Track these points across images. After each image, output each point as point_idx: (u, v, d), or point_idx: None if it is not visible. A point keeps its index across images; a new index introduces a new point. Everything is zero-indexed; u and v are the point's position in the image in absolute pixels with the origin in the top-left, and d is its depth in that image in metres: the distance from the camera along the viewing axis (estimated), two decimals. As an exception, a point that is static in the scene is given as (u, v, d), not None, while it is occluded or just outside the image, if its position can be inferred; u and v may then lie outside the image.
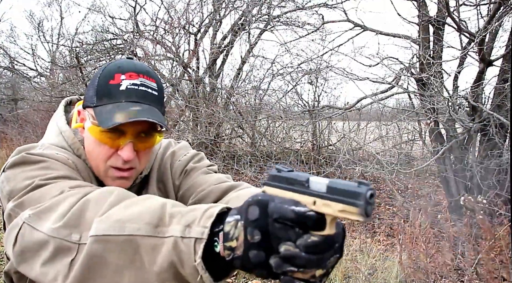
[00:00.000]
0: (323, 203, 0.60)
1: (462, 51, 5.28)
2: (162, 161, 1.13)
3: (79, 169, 0.96)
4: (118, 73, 0.93)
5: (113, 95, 0.92)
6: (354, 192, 0.58)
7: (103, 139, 0.93)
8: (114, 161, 0.95)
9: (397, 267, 3.66)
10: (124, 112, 0.89)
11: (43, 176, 0.83)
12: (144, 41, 8.45)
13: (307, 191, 0.62)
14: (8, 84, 16.49)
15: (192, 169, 1.11)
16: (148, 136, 0.95)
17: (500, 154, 4.89)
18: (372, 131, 8.92)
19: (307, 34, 7.16)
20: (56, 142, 0.99)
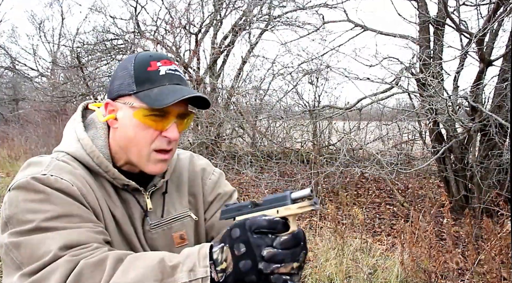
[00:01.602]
0: (284, 208, 0.83)
1: (461, 51, 5.29)
2: (192, 173, 1.18)
3: (89, 183, 0.97)
4: (153, 60, 0.99)
5: (155, 80, 0.97)
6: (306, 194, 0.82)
7: (147, 122, 0.96)
8: (158, 144, 0.98)
9: (398, 266, 3.67)
10: (175, 93, 0.95)
11: (42, 216, 0.86)
12: (145, 41, 8.47)
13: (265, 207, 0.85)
14: (9, 84, 16.53)
15: (222, 197, 1.20)
16: (186, 116, 1.01)
17: (500, 154, 4.90)
18: (372, 131, 8.92)
19: (308, 34, 7.17)
20: (74, 150, 0.99)
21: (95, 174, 1.00)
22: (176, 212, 1.10)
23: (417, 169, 6.27)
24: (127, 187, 1.02)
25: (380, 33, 6.14)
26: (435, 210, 4.40)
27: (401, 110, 7.78)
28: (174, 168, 1.14)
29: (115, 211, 1.00)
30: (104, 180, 1.01)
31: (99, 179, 1.01)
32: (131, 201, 1.03)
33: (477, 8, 5.45)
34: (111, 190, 1.01)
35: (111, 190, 1.01)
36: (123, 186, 1.02)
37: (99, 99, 10.45)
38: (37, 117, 11.19)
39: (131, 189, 1.03)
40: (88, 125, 1.05)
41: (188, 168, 1.18)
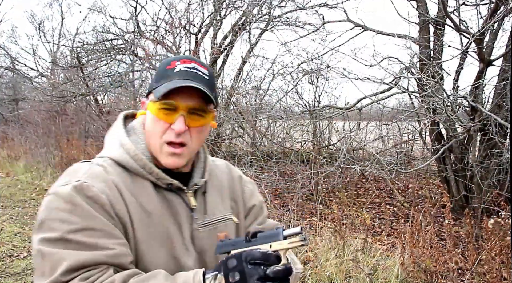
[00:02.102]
0: (277, 243, 0.93)
1: (462, 51, 5.29)
2: (231, 180, 1.25)
3: (124, 187, 1.02)
4: (174, 60, 1.07)
5: (168, 76, 1.04)
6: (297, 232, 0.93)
7: (159, 114, 1.02)
8: (168, 136, 1.03)
9: (398, 266, 3.67)
10: (175, 84, 1.00)
11: (67, 228, 0.92)
12: (145, 41, 8.46)
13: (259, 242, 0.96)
14: (9, 84, 16.51)
15: (256, 208, 1.27)
16: (199, 113, 1.04)
17: (500, 154, 4.89)
18: (372, 131, 8.92)
19: (308, 34, 7.17)
20: (117, 155, 1.06)
21: (137, 177, 1.05)
22: (220, 213, 1.15)
23: (417, 169, 6.27)
24: (171, 186, 1.07)
25: (380, 33, 6.14)
26: (435, 210, 4.41)
27: (401, 110, 7.78)
28: (212, 172, 1.20)
29: (154, 211, 1.03)
30: (146, 182, 1.05)
31: (140, 182, 1.05)
32: (175, 200, 1.08)
33: (477, 8, 5.45)
34: (152, 191, 1.05)
35: (152, 191, 1.05)
36: (167, 185, 1.06)
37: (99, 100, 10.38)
38: (37, 117, 11.18)
39: (175, 188, 1.08)
40: (129, 132, 1.12)
41: (227, 175, 1.25)
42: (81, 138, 10.10)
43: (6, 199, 7.31)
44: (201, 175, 1.15)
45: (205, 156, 1.20)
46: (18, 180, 9.17)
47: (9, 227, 5.56)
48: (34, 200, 7.30)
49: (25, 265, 4.29)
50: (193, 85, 1.00)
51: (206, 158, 1.19)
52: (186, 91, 1.01)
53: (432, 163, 6.51)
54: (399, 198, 6.23)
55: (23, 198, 7.42)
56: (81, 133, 10.53)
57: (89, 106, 10.76)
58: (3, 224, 5.70)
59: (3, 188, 8.15)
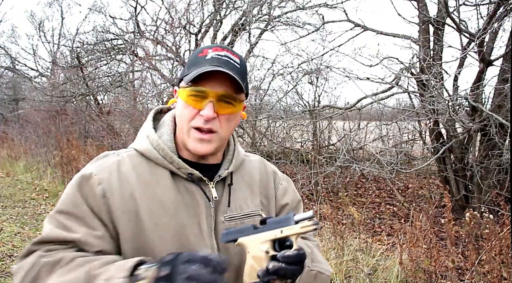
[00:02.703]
0: (288, 228, 0.93)
1: (462, 52, 5.29)
2: (265, 176, 1.22)
3: (141, 175, 1.05)
4: (207, 48, 1.07)
5: (199, 62, 1.04)
6: (309, 216, 0.93)
7: (188, 100, 1.03)
8: (196, 122, 1.03)
9: (397, 266, 3.67)
10: (206, 69, 0.99)
11: (58, 208, 1.03)
12: (144, 41, 8.46)
13: (268, 228, 0.95)
14: (9, 84, 16.51)
15: (291, 205, 1.23)
16: (229, 100, 1.03)
17: (500, 154, 4.89)
18: (372, 131, 8.92)
19: (308, 34, 7.17)
20: (141, 146, 1.09)
21: (157, 167, 1.07)
22: (248, 208, 1.13)
23: (417, 169, 6.27)
24: (191, 176, 1.07)
25: (380, 33, 6.14)
26: (435, 210, 4.40)
27: (401, 110, 7.78)
28: (244, 166, 1.19)
29: (168, 201, 1.04)
30: (165, 172, 1.07)
31: (159, 173, 1.06)
32: (195, 191, 1.07)
33: (477, 8, 5.45)
34: (169, 181, 1.06)
35: (169, 181, 1.06)
36: (188, 175, 1.06)
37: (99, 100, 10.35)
38: (37, 117, 11.17)
39: (196, 179, 1.07)
40: (160, 126, 1.15)
41: (260, 169, 1.22)
42: (81, 138, 10.10)
43: (6, 199, 7.30)
44: (227, 166, 1.14)
45: (235, 148, 1.18)
46: (18, 180, 9.17)
47: (9, 227, 5.56)
48: (34, 200, 7.30)
49: (25, 265, 4.29)
50: (223, 70, 0.99)
51: (235, 150, 1.18)
52: (216, 78, 1.01)
53: (432, 163, 6.51)
54: (399, 198, 6.23)
55: (23, 198, 7.42)
56: (81, 133, 10.53)
57: (89, 106, 10.76)
58: (3, 224, 5.70)
59: (3, 188, 8.15)
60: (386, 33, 6.12)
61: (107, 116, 9.60)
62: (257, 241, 0.95)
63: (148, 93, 9.21)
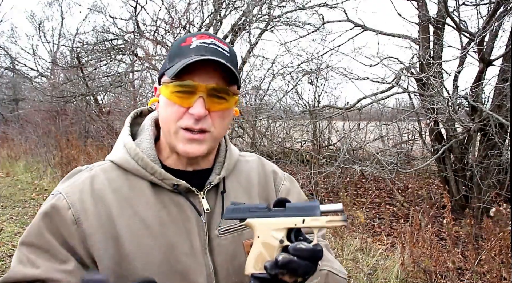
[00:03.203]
0: (312, 219, 0.79)
1: (462, 51, 5.29)
2: (264, 176, 1.08)
3: (119, 192, 0.93)
4: (190, 37, 0.93)
5: (183, 53, 0.90)
6: (338, 209, 0.80)
7: (173, 98, 0.89)
8: (185, 121, 0.89)
9: (397, 266, 3.67)
10: (192, 59, 0.86)
11: (22, 238, 0.92)
12: (144, 41, 8.46)
13: (289, 213, 0.82)
14: (9, 84, 16.51)
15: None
16: (221, 95, 0.90)
17: (500, 154, 4.89)
18: (372, 131, 8.92)
19: (307, 34, 7.18)
20: (118, 157, 0.96)
21: (137, 180, 0.94)
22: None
23: (417, 169, 6.27)
24: (178, 187, 0.93)
25: (380, 33, 6.14)
26: (435, 210, 4.40)
27: (401, 110, 7.78)
28: (239, 169, 1.06)
29: (152, 220, 0.91)
30: (146, 185, 0.94)
31: (139, 187, 0.94)
32: (184, 204, 0.94)
33: (477, 8, 5.45)
34: (151, 196, 0.93)
35: (151, 196, 0.93)
36: (173, 187, 0.93)
37: (99, 100, 10.33)
38: (37, 117, 11.18)
39: (183, 190, 0.94)
40: (140, 131, 1.02)
41: (257, 170, 1.08)
42: (81, 138, 10.10)
43: (6, 199, 7.30)
44: (218, 172, 1.00)
45: (226, 149, 1.05)
46: (18, 180, 9.17)
47: (9, 227, 5.56)
48: (34, 200, 7.30)
49: (25, 265, 4.29)
50: (214, 58, 0.85)
51: (227, 151, 1.04)
52: (205, 69, 0.87)
53: (432, 163, 6.51)
54: (399, 198, 6.23)
55: (23, 198, 7.42)
56: (81, 133, 10.53)
57: (89, 106, 10.76)
58: (3, 224, 5.70)
59: (3, 188, 8.15)
60: (386, 33, 6.12)
61: (107, 116, 9.60)
62: (272, 226, 0.82)
63: (148, 93, 9.22)
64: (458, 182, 5.55)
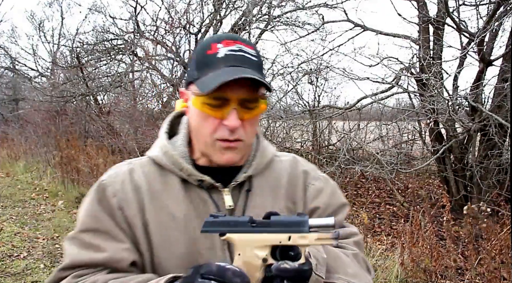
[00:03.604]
0: (299, 236, 0.73)
1: (462, 51, 5.30)
2: (294, 176, 1.07)
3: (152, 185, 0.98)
4: (214, 42, 0.93)
5: (212, 63, 0.90)
6: (329, 224, 0.74)
7: (206, 110, 0.90)
8: (220, 133, 0.91)
9: (397, 266, 3.67)
10: (224, 75, 0.86)
11: (78, 227, 0.97)
12: (144, 41, 8.46)
13: (273, 229, 0.75)
14: (9, 84, 16.51)
15: (326, 209, 1.05)
16: (252, 102, 0.91)
17: (500, 154, 4.89)
18: (372, 131, 8.92)
19: (307, 34, 7.18)
20: (153, 154, 1.02)
21: (169, 175, 0.99)
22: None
23: (417, 169, 6.27)
24: (202, 183, 0.97)
25: (380, 33, 6.14)
26: (435, 210, 4.40)
27: (401, 110, 7.78)
28: (271, 168, 1.06)
29: (179, 213, 0.95)
30: (176, 180, 0.99)
31: (170, 181, 0.99)
32: (208, 200, 0.97)
33: (477, 8, 5.45)
34: (180, 191, 0.97)
35: (180, 191, 0.97)
36: (198, 182, 0.97)
37: (99, 100, 10.34)
38: (37, 117, 11.17)
39: (207, 186, 0.98)
40: (178, 131, 1.06)
41: (288, 171, 1.07)
42: (81, 138, 10.10)
43: (6, 199, 7.30)
44: (245, 170, 1.01)
45: (257, 148, 1.05)
46: (18, 180, 9.17)
47: (9, 227, 5.56)
48: (34, 200, 7.30)
49: (25, 265, 4.29)
50: (248, 76, 0.85)
51: (257, 150, 1.04)
52: (236, 81, 0.86)
53: (432, 163, 6.51)
54: (399, 198, 6.23)
55: (23, 198, 7.42)
56: (81, 133, 10.52)
57: (89, 106, 10.76)
58: (3, 224, 5.70)
59: (3, 188, 8.14)
60: (386, 33, 6.12)
61: (107, 116, 9.60)
62: (254, 244, 0.76)
63: (148, 93, 9.23)
64: (458, 182, 5.56)
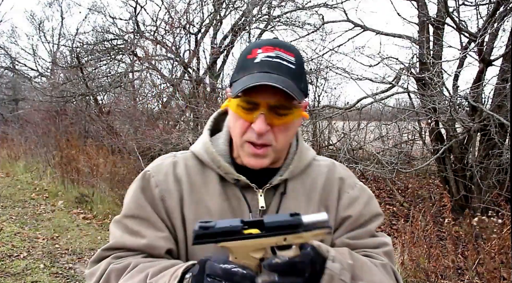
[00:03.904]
0: (294, 237, 0.75)
1: (462, 51, 5.29)
2: (329, 182, 1.07)
3: (193, 179, 1.02)
4: (255, 48, 0.95)
5: (248, 67, 0.93)
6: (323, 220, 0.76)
7: (238, 112, 0.94)
8: (249, 135, 0.94)
9: (397, 266, 3.67)
10: (253, 80, 0.88)
11: (123, 212, 1.03)
12: (144, 41, 8.46)
13: (268, 234, 0.75)
14: (9, 84, 16.50)
15: (358, 219, 1.06)
16: (282, 109, 0.92)
17: (500, 154, 4.89)
18: (372, 130, 8.92)
19: (307, 34, 7.18)
20: (195, 149, 1.07)
21: (208, 171, 1.03)
22: None
23: (417, 169, 6.27)
24: (238, 182, 1.00)
25: (380, 33, 6.14)
26: (435, 210, 4.40)
27: (401, 110, 7.78)
28: (308, 172, 1.07)
29: (214, 208, 0.99)
30: (215, 177, 1.02)
31: (209, 177, 1.02)
32: (242, 199, 1.00)
33: (477, 8, 5.45)
34: (218, 187, 1.01)
35: (218, 187, 1.01)
36: (235, 181, 1.00)
37: (98, 100, 10.34)
38: (37, 117, 11.17)
39: (243, 185, 1.00)
40: (223, 127, 1.09)
41: (325, 175, 1.08)
42: (80, 138, 10.09)
43: (6, 199, 7.30)
44: (282, 173, 1.03)
45: (296, 151, 1.06)
46: (18, 180, 9.17)
47: (9, 227, 5.55)
48: (34, 200, 7.30)
49: (25, 265, 4.29)
50: (271, 84, 0.87)
51: (295, 153, 1.06)
52: (267, 86, 0.88)
53: (432, 163, 6.51)
54: (399, 198, 6.23)
55: (23, 198, 7.41)
56: (80, 133, 10.52)
57: (89, 106, 10.76)
58: (3, 224, 5.69)
59: (3, 188, 8.14)
60: (386, 33, 6.12)
61: (107, 116, 9.59)
62: (250, 249, 0.77)
63: (148, 93, 9.22)
64: (458, 182, 5.55)
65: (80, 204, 6.69)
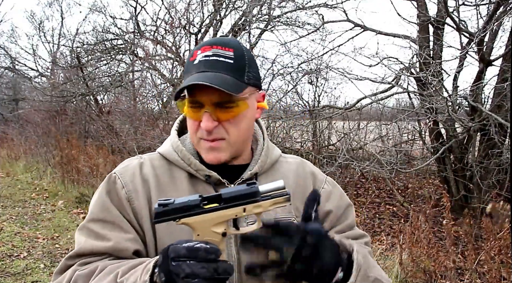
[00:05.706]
0: (254, 206, 0.77)
1: (461, 51, 5.30)
2: (302, 178, 1.11)
3: (160, 179, 1.03)
4: (196, 50, 0.98)
5: (188, 70, 0.97)
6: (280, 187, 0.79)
7: (188, 112, 0.98)
8: (200, 133, 0.98)
9: (397, 266, 3.67)
10: (188, 82, 0.91)
11: (88, 217, 1.01)
12: (144, 41, 8.46)
13: (225, 206, 0.77)
14: (9, 84, 16.52)
15: (335, 213, 1.09)
16: (227, 103, 0.94)
17: (500, 154, 4.89)
18: (372, 131, 8.92)
19: (307, 34, 7.18)
20: (163, 149, 1.08)
21: (177, 170, 1.04)
22: (277, 215, 1.00)
23: (416, 169, 6.27)
24: (209, 178, 1.01)
25: (380, 33, 6.14)
26: (434, 210, 4.40)
27: (401, 110, 7.78)
28: (277, 168, 1.10)
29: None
30: (184, 175, 1.03)
31: (178, 176, 1.03)
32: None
33: (477, 8, 5.46)
34: (187, 185, 1.02)
35: (187, 185, 1.02)
36: (205, 177, 1.02)
37: (99, 100, 10.34)
38: (37, 117, 11.17)
39: (214, 181, 1.02)
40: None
41: (296, 172, 1.11)
42: (81, 138, 10.10)
43: (6, 199, 7.31)
44: (252, 168, 1.05)
45: (263, 147, 1.09)
46: (18, 180, 9.17)
47: (9, 227, 5.56)
48: (34, 200, 7.30)
49: (25, 265, 4.29)
50: (201, 83, 0.89)
51: (263, 149, 1.08)
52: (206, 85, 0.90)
53: (431, 163, 6.51)
54: (399, 198, 6.23)
55: (23, 198, 7.42)
56: (81, 133, 10.52)
57: (89, 106, 10.76)
58: (3, 224, 5.70)
59: (3, 188, 8.15)
60: (386, 33, 6.12)
61: (107, 116, 9.60)
62: (211, 223, 0.78)
63: (148, 93, 9.22)
64: (458, 182, 5.56)
65: (80, 204, 6.69)
